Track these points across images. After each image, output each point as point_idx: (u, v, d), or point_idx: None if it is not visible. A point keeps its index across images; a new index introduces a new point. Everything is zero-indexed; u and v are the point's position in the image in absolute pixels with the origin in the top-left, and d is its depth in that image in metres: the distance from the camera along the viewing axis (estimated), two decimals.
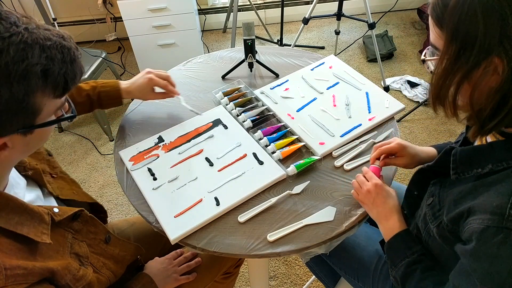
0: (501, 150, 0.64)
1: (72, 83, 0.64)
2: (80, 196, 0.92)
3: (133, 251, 0.94)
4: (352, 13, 2.61)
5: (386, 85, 2.39)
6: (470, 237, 0.63)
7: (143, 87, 1.11)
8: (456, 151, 0.71)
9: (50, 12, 2.43)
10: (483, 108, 0.62)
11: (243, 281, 1.67)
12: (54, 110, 0.65)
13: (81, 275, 0.74)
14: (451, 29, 0.60)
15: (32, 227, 0.67)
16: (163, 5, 2.34)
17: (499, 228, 0.58)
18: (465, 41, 0.59)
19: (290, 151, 1.04)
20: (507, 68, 0.57)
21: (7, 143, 0.61)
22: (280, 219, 0.91)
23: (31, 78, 0.57)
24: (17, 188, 0.73)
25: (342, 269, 1.08)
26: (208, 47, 2.93)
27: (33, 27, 0.59)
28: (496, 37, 0.56)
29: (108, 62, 2.32)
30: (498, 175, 0.64)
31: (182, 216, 0.91)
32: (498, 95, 0.59)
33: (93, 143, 2.30)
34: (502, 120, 0.61)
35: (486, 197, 0.62)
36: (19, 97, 0.57)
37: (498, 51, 0.56)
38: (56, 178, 0.87)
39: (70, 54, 0.62)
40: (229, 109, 1.18)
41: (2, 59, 0.54)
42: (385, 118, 1.13)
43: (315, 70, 1.30)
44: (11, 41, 0.55)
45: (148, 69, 1.14)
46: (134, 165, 1.03)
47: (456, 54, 0.60)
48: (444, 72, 0.63)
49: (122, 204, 2.00)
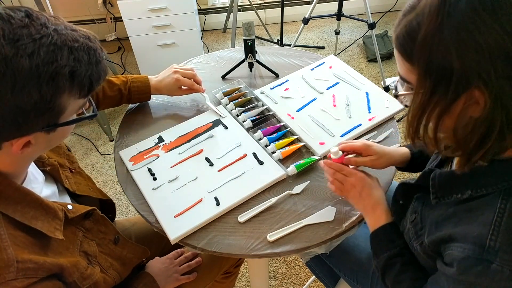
0: (480, 176, 0.63)
1: (97, 84, 0.65)
2: (95, 192, 0.94)
3: (140, 254, 0.95)
4: (352, 13, 2.61)
5: (386, 85, 2.39)
6: (451, 262, 0.63)
7: (170, 86, 1.14)
8: (435, 175, 0.69)
9: (50, 12, 2.43)
10: (468, 140, 0.59)
11: (243, 281, 1.67)
12: (77, 109, 0.66)
13: (89, 274, 0.75)
14: (424, 64, 0.56)
15: (46, 222, 0.68)
16: (163, 5, 2.34)
17: (479, 260, 0.58)
18: (441, 75, 0.55)
19: (290, 151, 1.04)
20: (489, 100, 0.54)
21: (31, 140, 0.62)
22: (280, 219, 0.91)
23: (60, 80, 0.58)
24: (35, 183, 0.74)
25: (341, 271, 1.08)
26: (208, 47, 2.93)
27: (61, 28, 0.60)
28: (474, 69, 0.53)
29: (108, 62, 2.32)
30: (478, 202, 0.63)
31: (182, 216, 0.91)
32: (482, 126, 0.57)
33: (93, 143, 2.30)
34: (488, 150, 0.59)
35: (467, 225, 0.62)
36: (47, 98, 0.58)
37: (477, 83, 0.53)
38: (74, 173, 0.89)
39: (96, 55, 0.63)
40: (229, 109, 1.18)
41: (33, 61, 0.55)
42: (385, 118, 1.13)
43: (315, 70, 1.30)
44: (41, 43, 0.56)
45: (175, 66, 1.17)
46: (134, 165, 1.03)
47: (432, 89, 0.57)
48: (421, 107, 0.60)
49: (122, 204, 2.00)
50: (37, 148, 0.66)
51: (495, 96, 0.53)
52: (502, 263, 0.57)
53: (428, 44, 0.55)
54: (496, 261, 0.57)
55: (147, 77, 1.14)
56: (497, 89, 0.53)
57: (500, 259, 0.57)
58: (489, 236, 0.58)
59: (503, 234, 0.58)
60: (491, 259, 0.57)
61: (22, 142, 0.61)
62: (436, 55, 0.54)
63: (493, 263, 0.57)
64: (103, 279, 0.80)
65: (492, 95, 0.53)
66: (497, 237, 0.58)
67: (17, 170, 0.68)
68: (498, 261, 0.57)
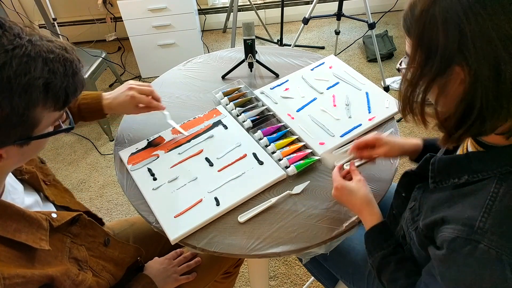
0: (477, 162, 0.65)
1: (73, 96, 0.63)
2: (73, 205, 0.90)
3: (133, 253, 0.94)
4: (352, 13, 2.61)
5: (386, 85, 2.39)
6: (441, 244, 0.64)
7: (126, 104, 1.03)
8: (435, 160, 0.72)
9: (50, 12, 2.43)
10: (449, 117, 0.62)
11: (243, 281, 1.67)
12: (52, 122, 0.64)
13: (81, 280, 0.73)
14: (417, 37, 0.61)
15: (30, 234, 0.66)
16: (163, 5, 2.34)
17: (467, 240, 0.60)
18: (429, 49, 0.60)
19: (290, 151, 1.04)
20: (468, 78, 0.57)
21: (2, 154, 0.60)
22: (280, 219, 0.91)
23: (33, 92, 0.56)
24: (14, 194, 0.72)
25: (338, 273, 1.09)
26: (208, 47, 2.93)
27: (36, 39, 0.58)
28: (455, 46, 0.56)
29: (108, 62, 2.32)
30: (473, 186, 0.65)
31: (182, 216, 0.91)
32: (462, 104, 0.59)
33: (93, 143, 2.30)
34: (468, 129, 0.61)
35: (460, 207, 0.64)
36: (19, 110, 0.56)
37: (459, 61, 0.57)
38: (49, 185, 0.86)
39: (72, 67, 0.61)
40: (229, 109, 1.18)
41: (5, 73, 0.54)
42: (385, 118, 1.13)
43: (315, 70, 1.30)
44: (14, 54, 0.54)
45: (131, 83, 1.06)
46: (134, 165, 1.03)
47: (423, 62, 0.61)
48: (411, 78, 0.64)
49: (122, 204, 2.00)
50: (9, 162, 0.63)
51: (474, 76, 0.56)
52: (489, 244, 0.58)
53: (422, 19, 0.59)
54: (484, 241, 0.59)
55: (100, 94, 1.04)
56: (476, 69, 0.56)
57: (488, 240, 0.58)
58: (479, 218, 0.60)
59: (493, 216, 0.59)
60: (479, 239, 0.59)
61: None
62: (427, 30, 0.59)
63: (480, 243, 0.59)
64: (96, 282, 0.79)
65: (471, 74, 0.56)
66: (487, 219, 0.59)
67: None
68: (486, 241, 0.58)
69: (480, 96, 0.57)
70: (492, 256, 0.58)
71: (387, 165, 1.01)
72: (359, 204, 0.87)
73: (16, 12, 2.56)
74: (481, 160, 0.65)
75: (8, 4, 2.59)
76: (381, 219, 0.86)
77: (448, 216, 0.65)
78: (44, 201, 0.81)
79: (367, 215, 0.86)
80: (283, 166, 1.01)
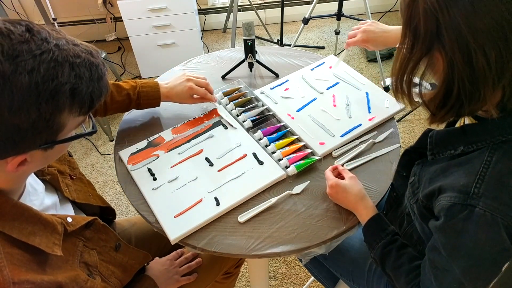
0: (472, 133, 0.69)
1: (98, 101, 0.63)
2: (95, 199, 0.93)
3: (142, 259, 0.94)
4: (352, 13, 2.61)
5: (386, 85, 2.39)
6: (439, 213, 0.68)
7: (182, 94, 1.11)
8: (433, 133, 0.76)
9: (50, 12, 2.44)
10: (433, 98, 0.67)
11: (243, 281, 1.67)
12: (76, 126, 0.64)
13: (89, 287, 0.73)
14: (405, 21, 0.67)
15: (44, 238, 0.66)
16: (163, 5, 2.34)
17: (464, 205, 0.64)
18: (415, 34, 0.65)
19: (290, 151, 1.04)
20: (445, 62, 0.62)
21: (27, 158, 0.60)
22: (280, 219, 0.91)
23: (60, 98, 0.56)
24: (33, 195, 0.72)
25: (338, 272, 1.09)
26: (208, 47, 2.93)
27: (63, 43, 0.58)
28: (434, 33, 0.62)
29: (108, 62, 2.32)
30: (468, 156, 0.69)
31: (182, 216, 0.91)
32: (443, 86, 0.64)
33: (93, 143, 2.30)
34: (449, 110, 0.66)
35: (455, 176, 0.68)
36: (46, 116, 0.56)
37: (437, 47, 0.63)
38: (75, 179, 0.87)
39: (98, 71, 0.61)
40: (229, 109, 1.18)
41: (33, 79, 0.53)
42: (385, 118, 1.13)
43: (315, 70, 1.30)
44: (42, 59, 0.54)
45: (187, 74, 1.13)
46: (134, 165, 1.03)
47: (409, 46, 0.67)
48: (401, 60, 0.70)
49: (122, 204, 2.00)
50: (33, 166, 0.63)
51: (450, 61, 0.61)
52: (484, 207, 0.62)
53: (410, 6, 0.65)
54: (479, 205, 0.63)
55: (157, 83, 1.11)
56: (451, 56, 0.61)
57: (483, 203, 0.62)
58: (474, 184, 0.64)
59: (487, 182, 0.63)
60: (474, 203, 0.63)
61: (17, 160, 0.59)
62: (413, 17, 0.65)
63: (476, 207, 0.63)
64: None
65: (447, 59, 0.62)
66: (481, 185, 0.63)
67: (13, 186, 0.66)
68: (481, 205, 0.62)
69: (457, 80, 0.62)
70: (488, 219, 0.62)
71: (387, 165, 1.01)
72: (354, 200, 0.89)
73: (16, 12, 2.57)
74: (475, 131, 0.69)
75: (8, 4, 2.59)
76: (376, 211, 0.88)
77: (445, 185, 0.68)
78: (62, 201, 0.81)
79: (363, 209, 0.88)
80: (283, 166, 1.01)
